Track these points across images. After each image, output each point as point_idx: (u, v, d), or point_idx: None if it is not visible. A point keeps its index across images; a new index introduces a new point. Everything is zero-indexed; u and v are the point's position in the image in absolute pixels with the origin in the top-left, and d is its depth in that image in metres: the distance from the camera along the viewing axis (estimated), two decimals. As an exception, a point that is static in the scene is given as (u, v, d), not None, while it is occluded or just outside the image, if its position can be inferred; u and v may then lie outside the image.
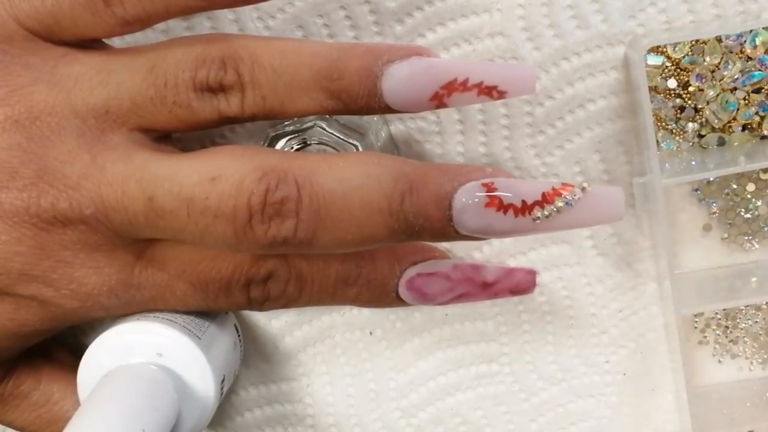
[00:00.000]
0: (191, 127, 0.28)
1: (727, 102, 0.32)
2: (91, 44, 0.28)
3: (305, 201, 0.26)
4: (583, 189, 0.26)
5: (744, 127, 0.33)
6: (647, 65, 0.32)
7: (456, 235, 0.27)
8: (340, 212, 0.26)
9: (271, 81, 0.27)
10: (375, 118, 0.32)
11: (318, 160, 0.27)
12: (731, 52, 0.32)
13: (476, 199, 0.26)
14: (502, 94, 0.27)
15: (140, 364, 0.29)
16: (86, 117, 0.27)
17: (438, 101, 0.27)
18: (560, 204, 0.26)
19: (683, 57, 0.32)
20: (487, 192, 0.26)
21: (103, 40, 0.28)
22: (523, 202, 0.26)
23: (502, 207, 0.26)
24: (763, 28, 0.32)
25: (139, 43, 0.29)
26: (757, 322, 0.35)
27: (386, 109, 0.27)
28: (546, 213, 0.26)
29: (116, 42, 0.30)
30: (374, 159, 0.27)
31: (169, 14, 0.27)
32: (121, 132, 0.27)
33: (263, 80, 0.27)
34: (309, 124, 0.30)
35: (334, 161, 0.27)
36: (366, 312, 0.35)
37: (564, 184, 0.26)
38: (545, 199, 0.26)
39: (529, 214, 0.26)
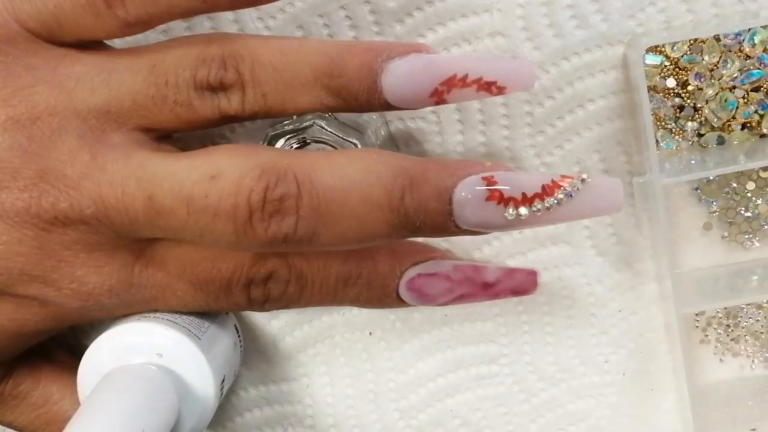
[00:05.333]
0: (192, 126, 0.28)
1: (726, 101, 0.32)
2: (92, 44, 0.28)
3: (305, 198, 0.26)
4: (583, 180, 0.26)
5: (743, 126, 0.33)
6: (646, 65, 0.32)
7: (457, 230, 0.27)
8: (341, 209, 0.26)
9: (271, 79, 0.27)
10: (374, 116, 0.32)
11: (317, 156, 0.27)
12: (730, 51, 0.32)
13: (477, 193, 0.26)
14: (501, 90, 0.27)
15: (140, 365, 0.29)
16: (87, 117, 0.27)
17: (438, 97, 0.27)
18: (560, 196, 0.26)
19: (682, 56, 0.32)
20: (487, 186, 0.26)
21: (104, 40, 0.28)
22: (524, 194, 0.26)
23: (503, 200, 0.26)
24: (761, 27, 0.32)
25: (139, 43, 0.29)
26: (758, 320, 0.35)
27: (386, 105, 0.27)
28: (546, 205, 0.26)
29: (117, 42, 0.30)
30: (374, 155, 0.27)
31: (171, 16, 0.27)
32: (122, 132, 0.27)
33: (264, 78, 0.27)
34: (308, 123, 0.30)
35: (334, 158, 0.27)
36: (366, 312, 0.35)
37: (563, 176, 0.26)
38: (545, 192, 0.26)
39: (530, 206, 0.26)
